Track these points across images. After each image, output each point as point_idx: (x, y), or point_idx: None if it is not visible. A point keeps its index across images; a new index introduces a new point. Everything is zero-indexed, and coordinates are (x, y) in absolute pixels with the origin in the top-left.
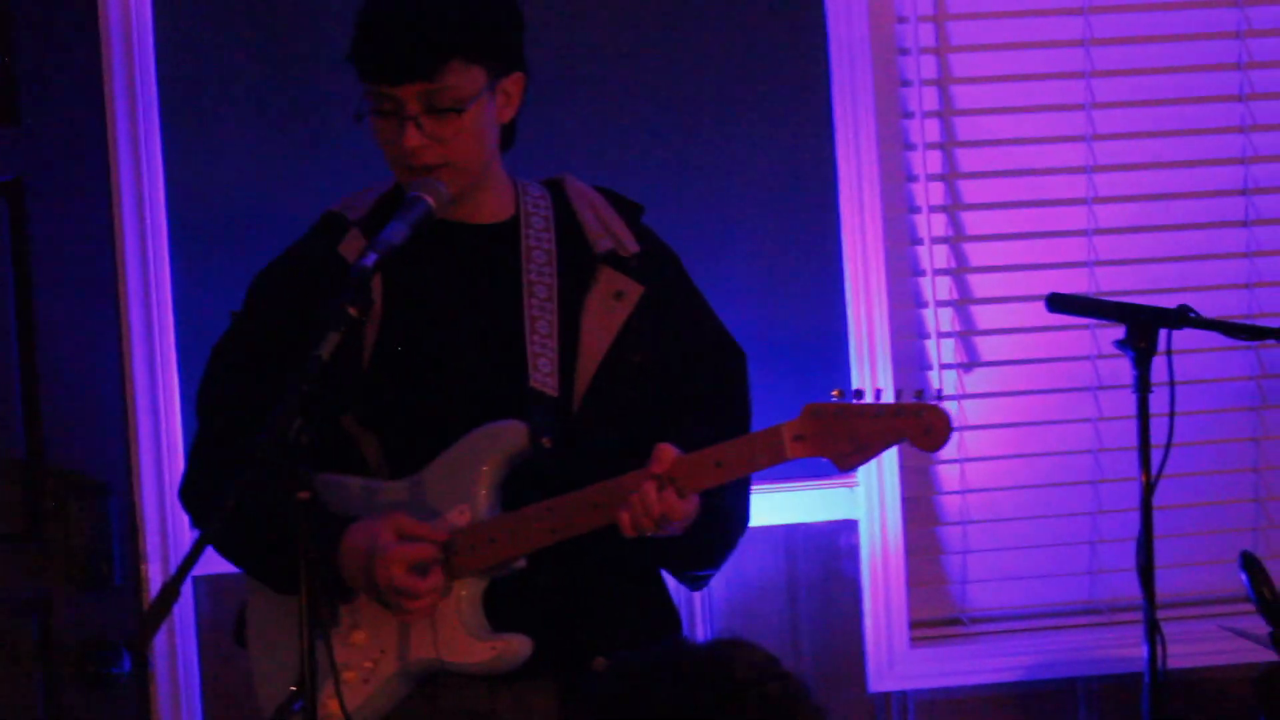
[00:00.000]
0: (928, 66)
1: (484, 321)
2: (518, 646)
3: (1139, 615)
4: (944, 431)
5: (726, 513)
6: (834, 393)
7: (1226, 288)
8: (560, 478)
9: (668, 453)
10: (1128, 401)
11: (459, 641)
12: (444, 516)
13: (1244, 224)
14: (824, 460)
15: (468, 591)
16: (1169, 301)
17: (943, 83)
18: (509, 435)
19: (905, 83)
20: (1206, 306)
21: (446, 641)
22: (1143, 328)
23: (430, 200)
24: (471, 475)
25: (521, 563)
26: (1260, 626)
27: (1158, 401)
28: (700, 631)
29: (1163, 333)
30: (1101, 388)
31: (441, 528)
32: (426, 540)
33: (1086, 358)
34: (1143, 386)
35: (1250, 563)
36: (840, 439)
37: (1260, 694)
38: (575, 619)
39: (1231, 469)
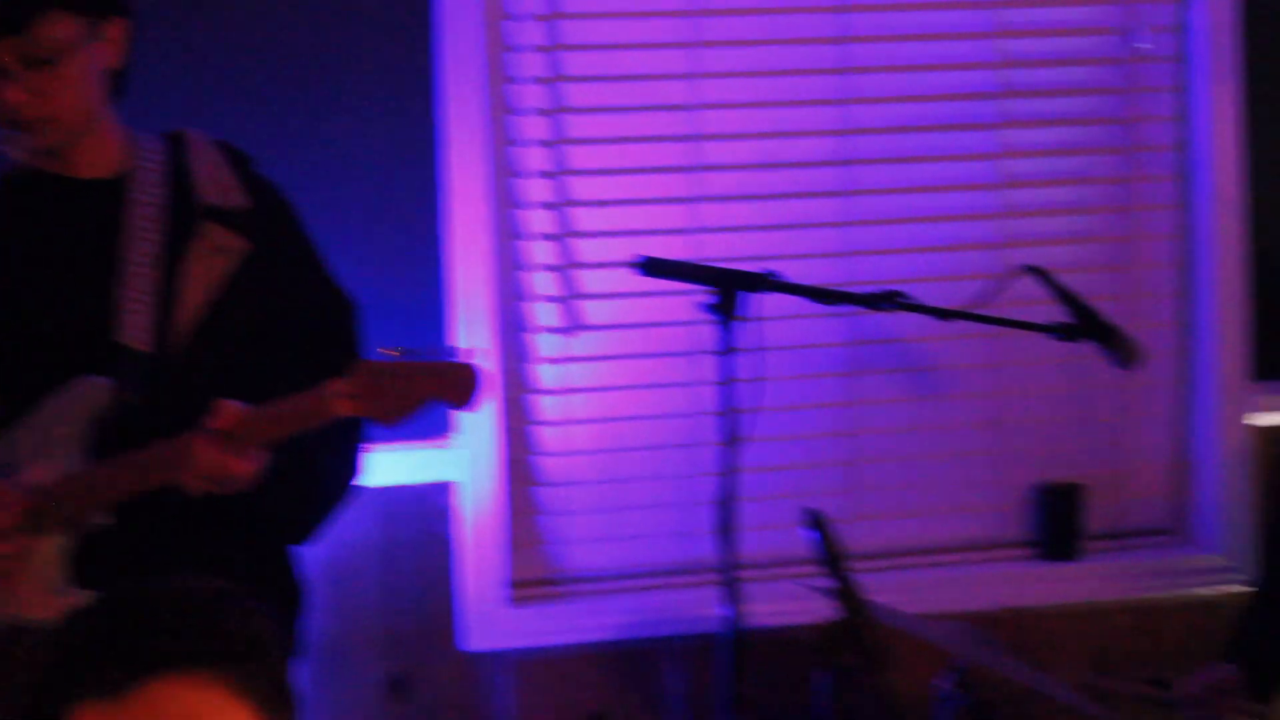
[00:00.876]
0: (535, 32)
1: (82, 277)
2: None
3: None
4: (473, 389)
5: (314, 470)
6: (385, 350)
7: (822, 256)
8: (158, 434)
9: (227, 410)
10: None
11: (35, 597)
12: (30, 476)
13: (839, 194)
14: (421, 419)
15: (48, 547)
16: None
17: (550, 49)
18: (91, 393)
19: (512, 48)
20: (804, 274)
21: (24, 597)
22: (726, 291)
23: (9, 153)
24: (56, 432)
25: (105, 518)
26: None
27: (760, 367)
28: None
29: (753, 298)
30: (701, 352)
31: (25, 494)
32: (9, 509)
33: (685, 323)
34: (726, 350)
35: (816, 521)
36: (383, 396)
37: (822, 647)
38: (162, 574)
39: (824, 433)
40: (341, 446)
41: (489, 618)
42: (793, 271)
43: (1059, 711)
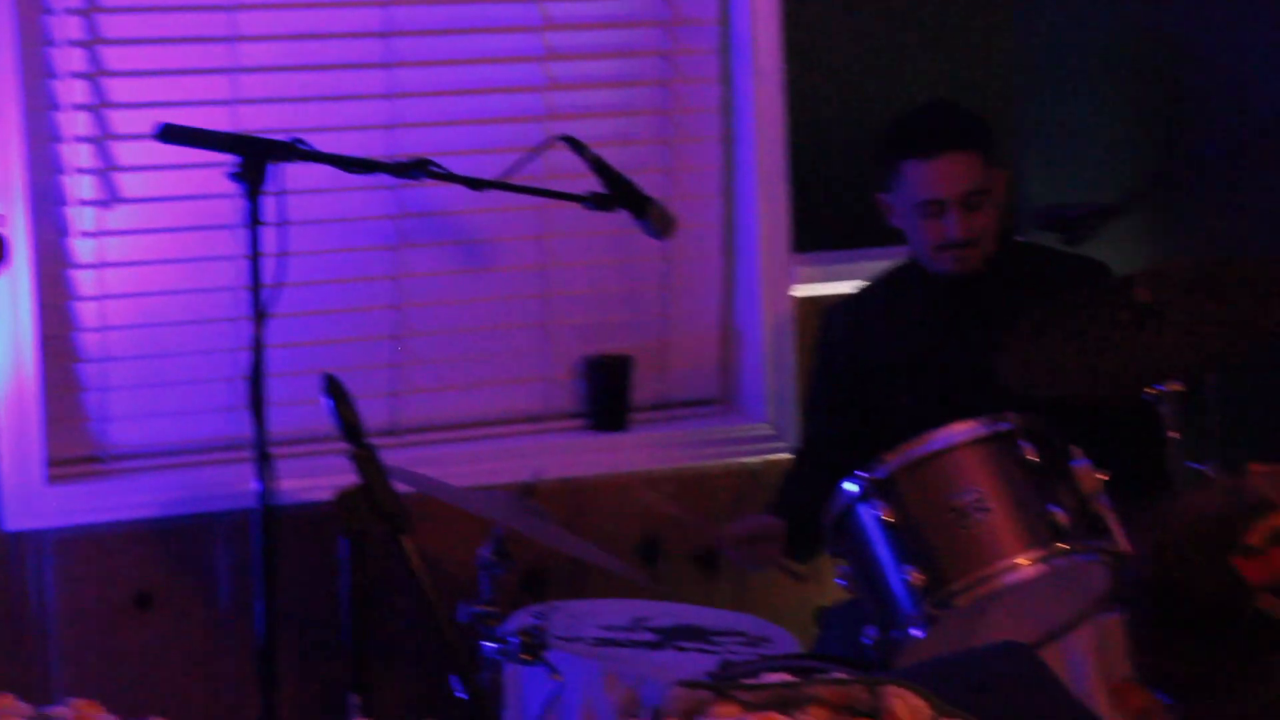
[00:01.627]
0: None
1: None
2: None
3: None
4: None
5: None
6: None
7: (366, 129)
8: None
9: None
10: (271, 238)
11: None
12: None
13: (382, 66)
14: None
15: None
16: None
17: None
18: None
19: None
20: (348, 147)
21: None
22: (252, 160)
23: None
24: None
25: None
26: None
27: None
28: None
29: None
30: (240, 225)
31: None
32: None
33: (225, 195)
34: (254, 222)
35: (333, 387)
36: None
37: (339, 513)
38: None
39: (370, 306)
40: None
41: (26, 497)
42: (337, 144)
43: (605, 577)
